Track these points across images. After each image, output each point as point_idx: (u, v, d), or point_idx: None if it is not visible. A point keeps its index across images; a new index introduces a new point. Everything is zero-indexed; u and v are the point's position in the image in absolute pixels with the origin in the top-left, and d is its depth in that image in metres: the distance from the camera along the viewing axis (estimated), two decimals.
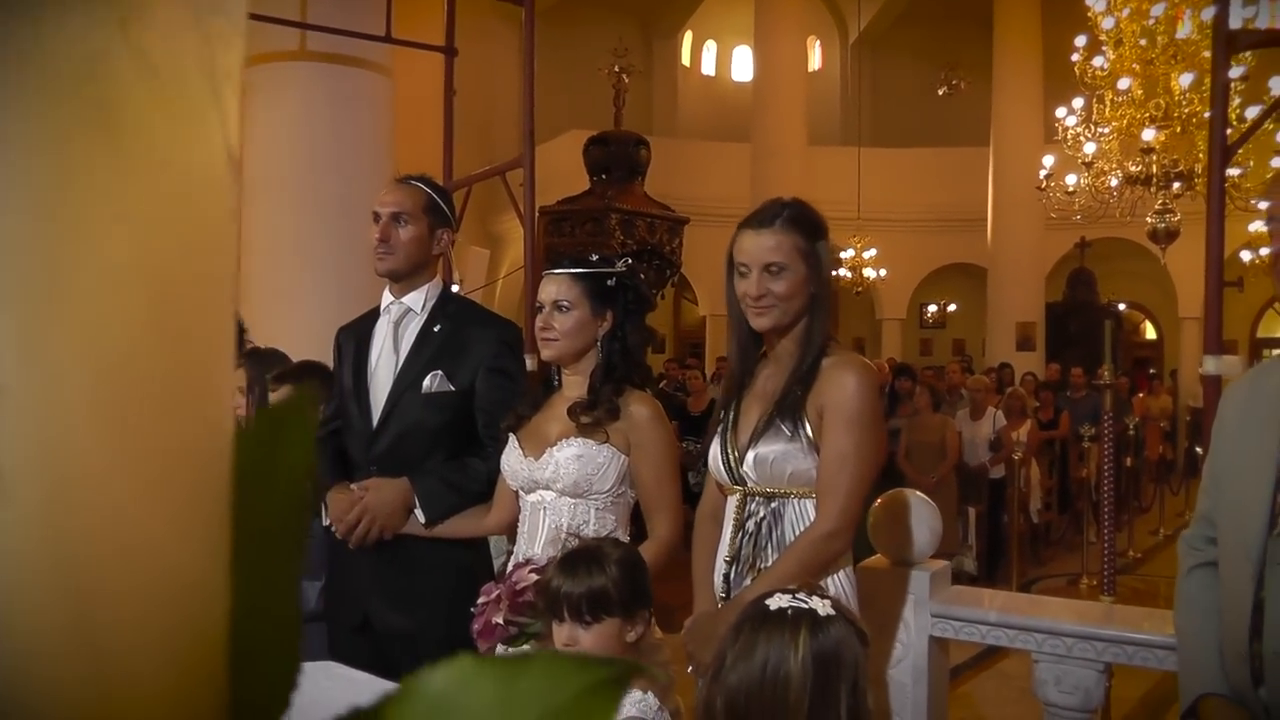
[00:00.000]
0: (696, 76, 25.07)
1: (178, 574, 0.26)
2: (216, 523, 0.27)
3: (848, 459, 2.69)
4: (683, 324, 23.50)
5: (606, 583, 2.35)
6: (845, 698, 1.86)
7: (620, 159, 10.62)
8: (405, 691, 0.26)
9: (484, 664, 0.26)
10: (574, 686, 0.26)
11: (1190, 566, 2.51)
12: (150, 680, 0.25)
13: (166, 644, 0.25)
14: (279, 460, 0.28)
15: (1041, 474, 11.40)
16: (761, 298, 2.79)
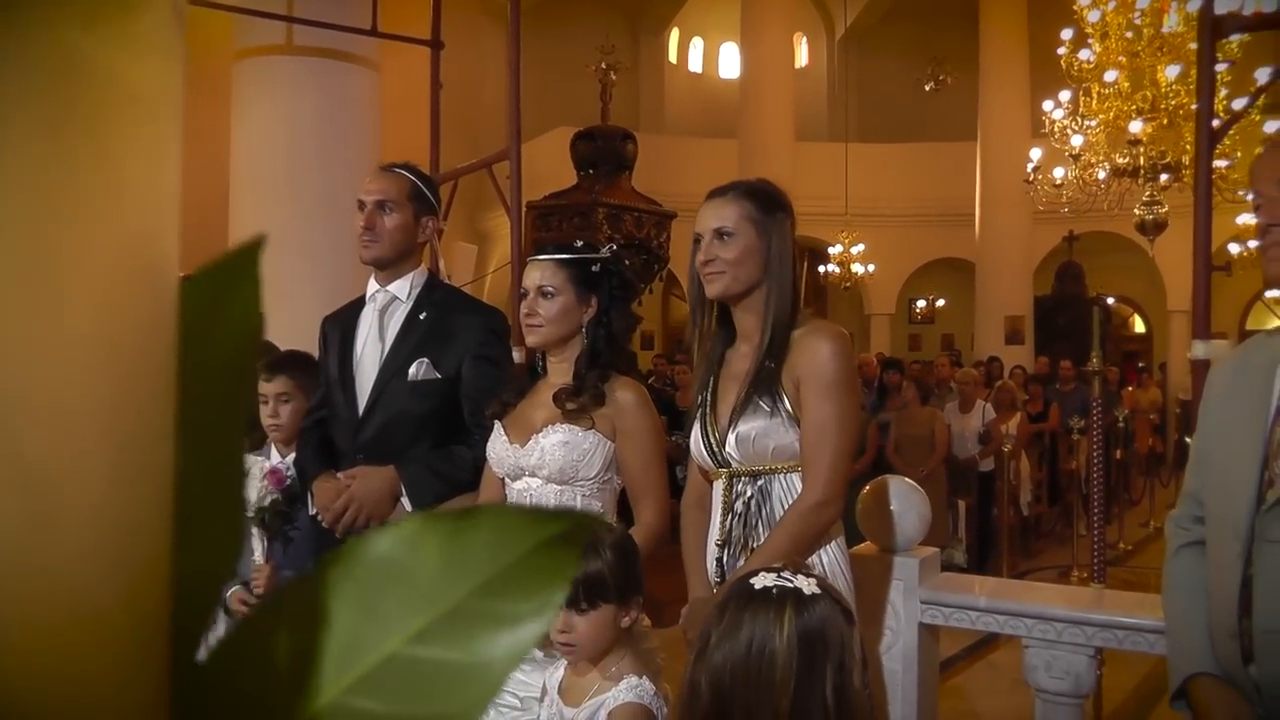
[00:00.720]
0: (683, 73, 25.05)
1: (117, 432, 0.24)
2: (161, 384, 0.25)
3: (828, 427, 2.68)
4: (671, 320, 23.44)
5: (603, 568, 2.33)
6: (831, 676, 1.84)
7: (607, 154, 10.61)
8: (349, 554, 0.25)
9: (431, 524, 0.25)
10: (525, 544, 0.24)
11: (1178, 546, 2.50)
12: (87, 529, 0.24)
13: (107, 498, 0.24)
14: (223, 318, 0.27)
15: (1031, 467, 11.41)
16: (709, 263, 2.81)
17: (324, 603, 0.24)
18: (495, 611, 0.24)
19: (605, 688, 2.38)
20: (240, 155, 7.73)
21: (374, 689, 0.24)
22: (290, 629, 0.24)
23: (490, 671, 0.24)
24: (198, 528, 0.26)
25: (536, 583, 0.24)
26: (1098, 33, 10.47)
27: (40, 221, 0.22)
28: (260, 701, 0.25)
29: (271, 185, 7.45)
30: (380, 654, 0.24)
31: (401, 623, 0.24)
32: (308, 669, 0.24)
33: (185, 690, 0.25)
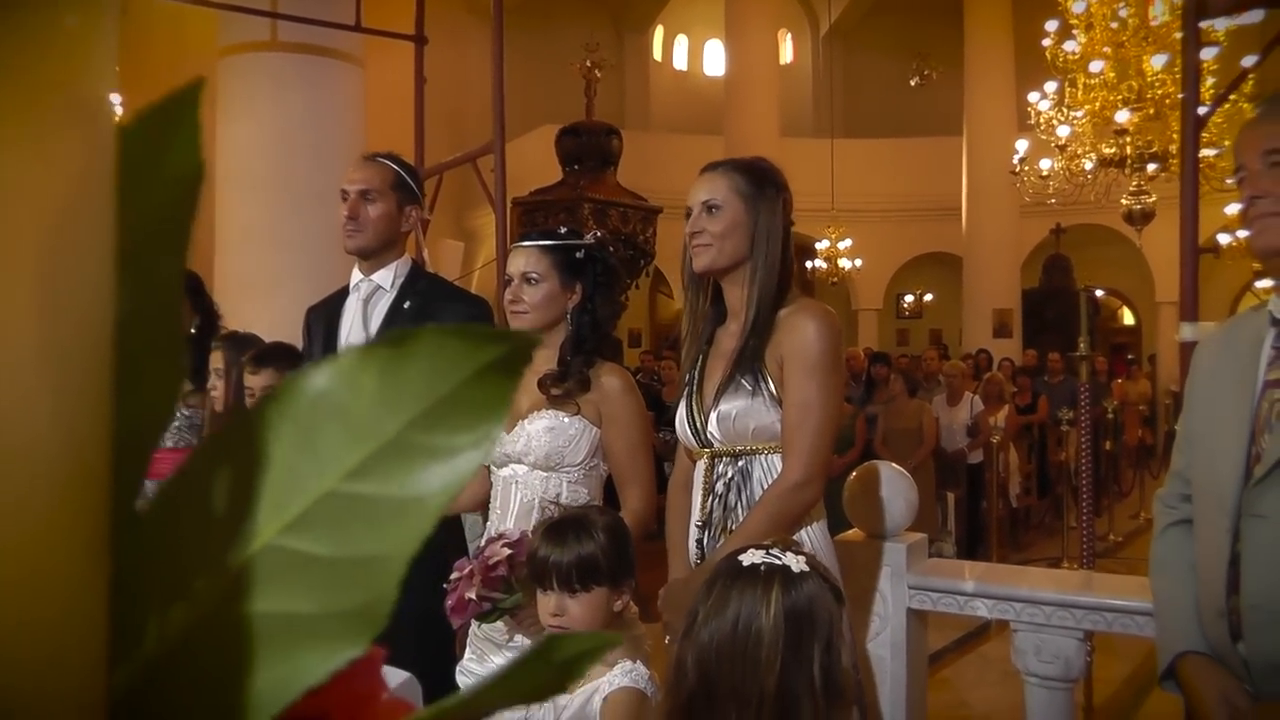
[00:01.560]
0: (669, 71, 25.04)
1: (54, 275, 0.23)
2: (99, 229, 0.24)
3: (811, 407, 2.64)
4: (659, 318, 23.44)
5: (596, 551, 2.32)
6: (819, 655, 1.82)
7: (592, 149, 10.61)
8: (285, 390, 0.24)
9: (368, 355, 0.24)
10: (461, 373, 0.23)
11: (1165, 525, 2.49)
12: (27, 368, 0.22)
13: (46, 340, 0.23)
14: (163, 164, 0.26)
15: (1020, 459, 11.43)
16: (696, 235, 2.79)
17: (261, 443, 0.23)
18: (431, 445, 0.23)
19: (599, 672, 2.37)
20: (225, 151, 7.71)
21: (310, 529, 0.23)
22: (228, 473, 0.23)
23: (426, 506, 0.23)
24: (137, 372, 0.25)
25: (473, 413, 0.23)
26: (1082, 23, 10.48)
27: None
28: (198, 548, 0.24)
29: (257, 181, 7.45)
30: (316, 493, 0.23)
31: (338, 459, 0.23)
32: (245, 512, 0.23)
33: (124, 538, 0.24)
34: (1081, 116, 10.64)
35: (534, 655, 0.24)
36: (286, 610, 0.23)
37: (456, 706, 0.23)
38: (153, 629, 0.24)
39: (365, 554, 0.23)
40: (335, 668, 0.23)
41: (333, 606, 0.23)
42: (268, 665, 0.23)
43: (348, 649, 0.23)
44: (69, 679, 0.22)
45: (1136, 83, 10.07)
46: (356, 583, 0.23)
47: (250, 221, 7.41)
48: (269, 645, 0.23)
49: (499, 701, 0.24)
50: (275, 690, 0.23)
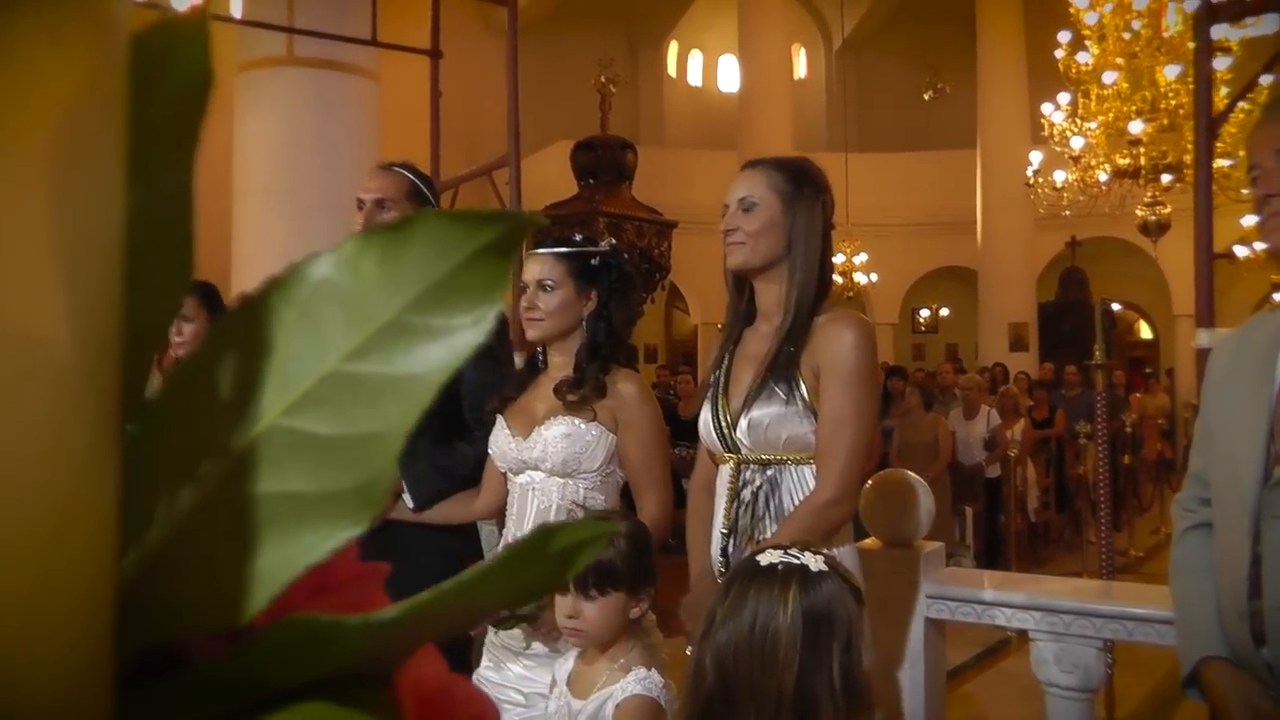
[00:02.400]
0: (683, 86, 25.09)
1: (65, 172, 0.24)
2: (110, 130, 0.24)
3: (847, 420, 2.58)
4: (674, 334, 23.48)
5: (614, 555, 2.32)
6: (838, 655, 1.81)
7: (607, 163, 10.64)
8: (288, 278, 0.24)
9: (368, 241, 0.24)
10: (458, 255, 0.24)
11: (1184, 529, 2.47)
12: (42, 259, 0.23)
13: (57, 233, 0.23)
14: (175, 65, 0.26)
15: (1038, 473, 11.39)
16: (730, 232, 2.73)
17: (265, 329, 0.24)
18: (429, 325, 0.24)
19: (614, 679, 2.36)
20: (242, 165, 7.76)
21: (311, 409, 0.24)
22: (233, 358, 0.24)
23: (423, 383, 0.24)
24: (147, 266, 0.25)
25: (470, 295, 0.24)
26: (1095, 35, 10.47)
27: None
28: (205, 432, 0.24)
29: (274, 193, 7.50)
30: (318, 374, 0.24)
31: (339, 342, 0.24)
32: (249, 396, 0.24)
33: (134, 426, 0.24)
34: (1095, 128, 10.61)
35: (530, 547, 0.24)
36: (289, 490, 0.23)
37: (454, 595, 0.23)
38: (161, 513, 0.24)
39: (364, 432, 0.24)
40: (336, 546, 0.24)
41: (333, 485, 0.24)
42: (271, 544, 0.23)
43: (348, 528, 0.24)
44: (80, 567, 0.22)
45: (1150, 93, 10.05)
46: (356, 461, 0.24)
47: (267, 234, 7.45)
48: (272, 525, 0.23)
49: (498, 595, 0.24)
50: (278, 569, 0.23)
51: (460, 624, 0.26)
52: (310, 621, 0.23)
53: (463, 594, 0.23)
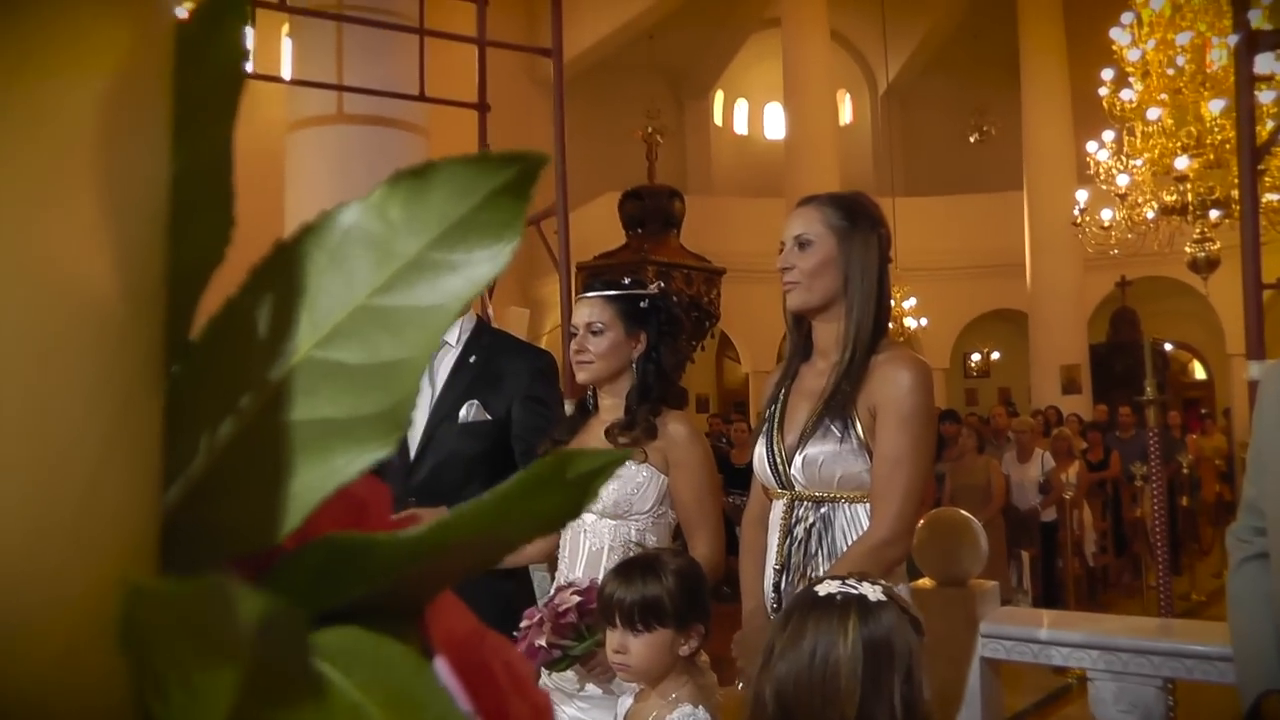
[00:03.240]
0: (729, 135, 25.23)
1: (116, 141, 0.26)
2: (156, 104, 0.27)
3: (903, 461, 2.55)
4: (725, 383, 23.45)
5: (661, 592, 2.32)
6: (899, 687, 1.79)
7: (655, 212, 10.68)
8: (321, 223, 0.26)
9: (394, 187, 0.26)
10: (476, 196, 0.25)
11: (1240, 560, 2.43)
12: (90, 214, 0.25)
13: (106, 192, 0.25)
14: (213, 47, 0.28)
15: (1094, 516, 11.25)
16: (786, 271, 2.72)
17: (299, 272, 0.26)
18: (450, 261, 0.25)
19: (662, 716, 2.36)
20: (294, 223, 7.85)
21: (341, 341, 0.26)
22: (269, 300, 0.26)
23: (443, 311, 0.26)
24: (190, 222, 0.27)
25: (488, 232, 0.26)
26: (1139, 71, 10.43)
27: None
28: (243, 367, 0.26)
29: None
30: (347, 309, 0.26)
31: (367, 279, 0.26)
32: (285, 332, 0.26)
33: (180, 365, 0.26)
34: (1141, 165, 10.54)
35: (547, 473, 0.25)
36: (321, 417, 0.25)
37: (475, 518, 0.25)
38: (204, 445, 0.26)
39: (390, 359, 0.25)
40: (364, 467, 0.25)
41: (361, 410, 0.25)
42: (304, 468, 0.25)
43: (375, 450, 0.25)
44: (124, 498, 0.24)
45: (1195, 128, 9.98)
46: (382, 387, 0.25)
47: None
48: (305, 450, 0.24)
49: (518, 523, 0.26)
50: (311, 490, 0.25)
51: (485, 555, 0.28)
52: (343, 539, 0.25)
53: (483, 516, 0.25)
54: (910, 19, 22.14)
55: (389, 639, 0.25)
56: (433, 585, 0.29)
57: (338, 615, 0.25)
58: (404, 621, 0.26)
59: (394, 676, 0.25)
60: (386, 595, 0.26)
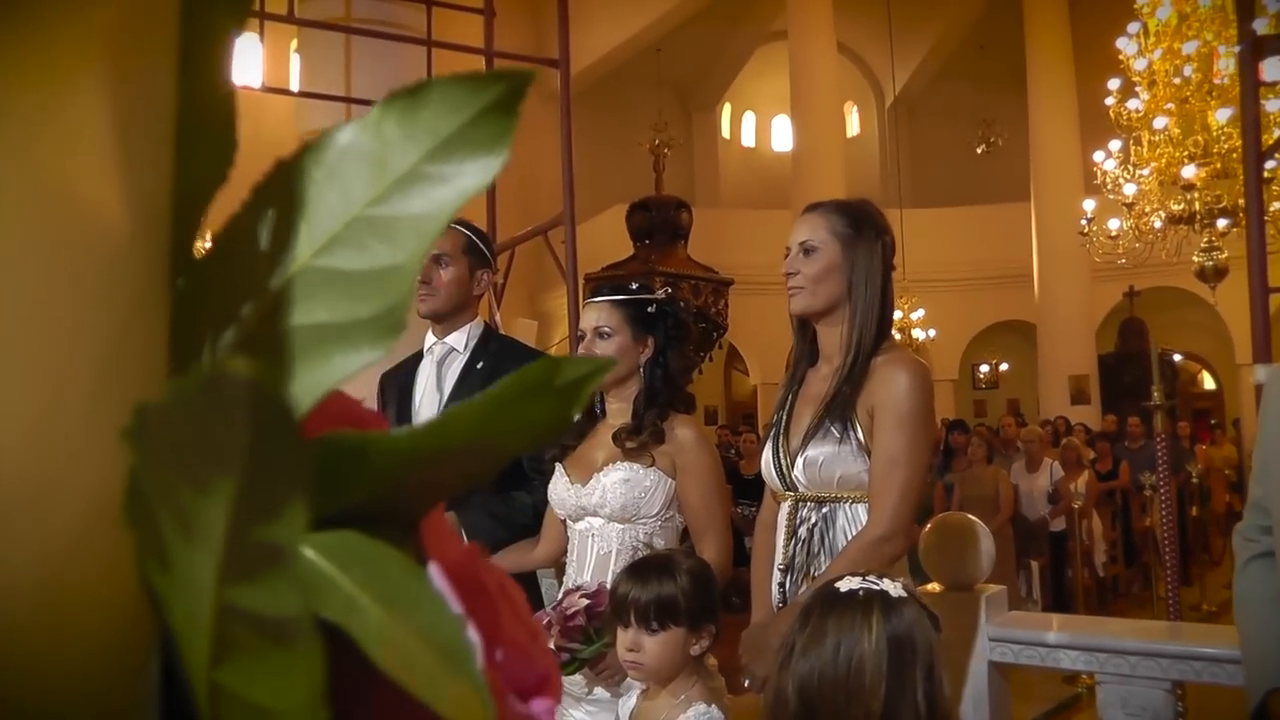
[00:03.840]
0: (737, 148, 25.28)
1: (123, 76, 0.27)
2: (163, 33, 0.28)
3: (898, 461, 2.60)
4: (734, 395, 23.48)
5: (676, 591, 2.34)
6: (921, 682, 1.80)
7: (662, 223, 10.70)
8: (319, 143, 0.27)
9: (389, 105, 0.27)
10: (467, 112, 0.27)
11: (1246, 559, 2.44)
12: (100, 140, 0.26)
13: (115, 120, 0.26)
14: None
15: (1104, 526, 11.23)
16: (790, 276, 2.77)
17: (298, 188, 0.27)
18: (441, 173, 0.27)
19: (674, 714, 2.37)
20: None
21: (338, 249, 0.27)
22: (270, 214, 0.27)
23: (434, 219, 0.27)
24: (193, 145, 0.28)
25: (478, 147, 0.27)
26: (1145, 81, 10.44)
27: None
28: (246, 278, 0.27)
29: None
30: (344, 220, 0.27)
31: (362, 193, 0.27)
32: (285, 244, 0.27)
33: (184, 278, 0.28)
34: (1148, 174, 10.53)
35: (536, 380, 0.26)
36: (319, 321, 0.27)
37: (464, 419, 0.26)
38: (207, 353, 0.27)
39: (384, 265, 0.27)
40: (360, 367, 0.27)
41: (358, 314, 0.27)
42: (303, 370, 0.26)
43: (371, 351, 0.27)
44: (128, 402, 0.25)
45: (1202, 137, 9.97)
46: (377, 292, 0.27)
47: None
48: (304, 354, 0.26)
49: (506, 431, 0.27)
50: (309, 390, 0.26)
51: (478, 465, 0.29)
52: (340, 438, 0.26)
53: (475, 420, 0.26)
54: (917, 30, 22.19)
55: (384, 544, 0.26)
56: (428, 496, 0.30)
57: (334, 523, 0.26)
58: (400, 533, 0.27)
59: (388, 577, 0.26)
60: (382, 503, 0.28)
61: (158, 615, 0.25)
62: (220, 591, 0.22)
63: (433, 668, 0.25)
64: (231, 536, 0.21)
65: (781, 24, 20.37)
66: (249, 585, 0.22)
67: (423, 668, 0.25)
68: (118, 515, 0.24)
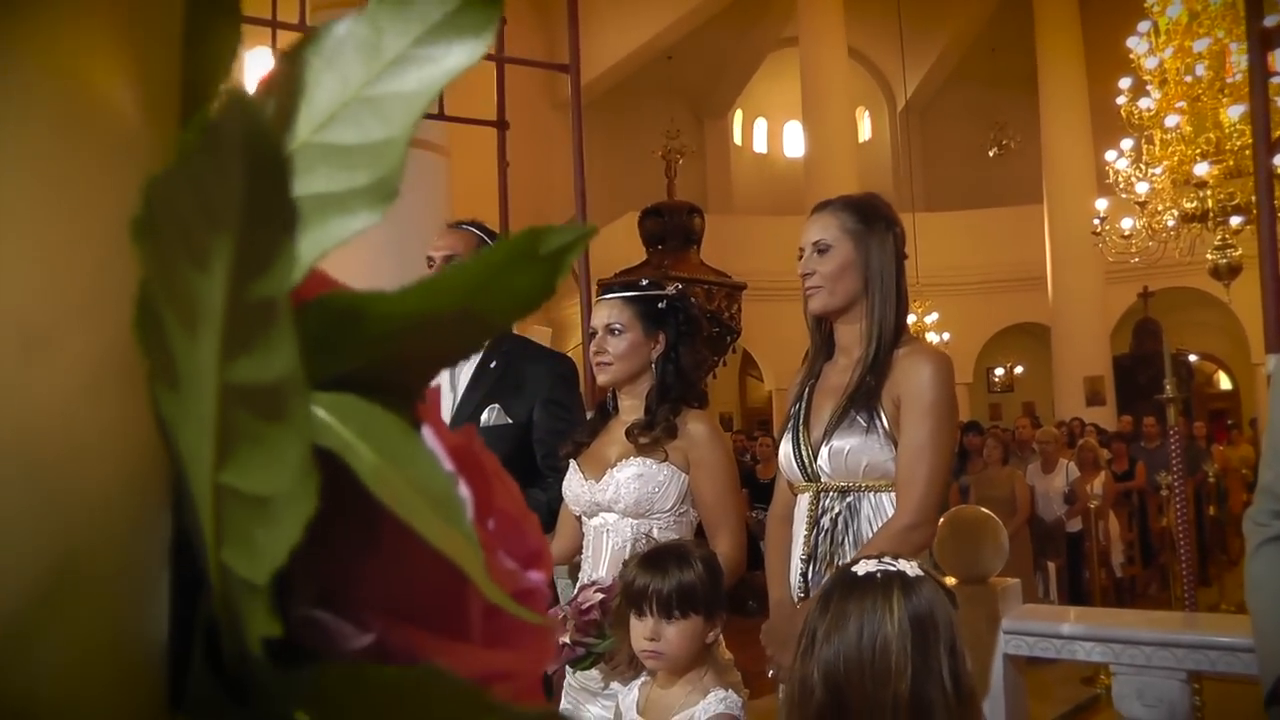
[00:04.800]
0: (749, 154, 25.32)
1: None
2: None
3: (924, 450, 2.64)
4: (749, 401, 23.48)
5: (694, 579, 2.36)
6: (945, 659, 1.80)
7: (675, 228, 10.70)
8: (317, 34, 0.29)
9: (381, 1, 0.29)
10: (453, 1, 0.29)
11: (1258, 543, 2.43)
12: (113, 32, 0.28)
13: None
14: None
15: (1121, 527, 11.20)
16: (807, 276, 2.81)
17: (300, 76, 0.29)
18: (430, 55, 0.29)
19: (693, 700, 2.38)
20: None
21: (335, 126, 0.29)
22: (274, 101, 0.29)
23: (424, 96, 0.30)
24: (201, 33, 0.31)
25: (463, 32, 0.29)
26: (1156, 79, 10.42)
27: None
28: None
29: (348, 273, 7.62)
30: (341, 101, 0.29)
31: (359, 76, 0.29)
32: (287, 126, 0.29)
33: None
34: (1160, 173, 10.50)
35: (520, 248, 0.28)
36: (318, 192, 0.29)
37: (450, 286, 0.28)
38: None
39: (379, 138, 0.29)
40: (357, 230, 0.29)
41: (355, 184, 0.29)
42: (303, 236, 0.28)
43: (366, 216, 0.29)
44: (131, 274, 0.27)
45: (1214, 135, 9.94)
46: (372, 163, 0.29)
47: None
48: (304, 221, 0.28)
49: (493, 300, 0.29)
50: (309, 251, 0.28)
51: (469, 335, 0.31)
52: (337, 298, 0.28)
53: (462, 284, 0.28)
54: (928, 34, 22.22)
55: (381, 407, 0.28)
56: (421, 366, 0.32)
57: (332, 388, 0.28)
58: (397, 402, 0.29)
59: (384, 433, 0.28)
60: (378, 372, 0.30)
61: (170, 464, 0.28)
62: (222, 375, 0.24)
63: (425, 513, 0.27)
64: (230, 302, 0.23)
65: (792, 30, 20.43)
66: (247, 357, 0.24)
67: (415, 508, 0.27)
68: (128, 363, 0.26)
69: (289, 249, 0.23)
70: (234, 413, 0.25)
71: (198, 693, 0.29)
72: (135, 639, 0.28)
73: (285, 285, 0.23)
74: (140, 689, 0.28)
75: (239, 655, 0.28)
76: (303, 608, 0.30)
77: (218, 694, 0.29)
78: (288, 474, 0.24)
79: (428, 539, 0.26)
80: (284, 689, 0.28)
